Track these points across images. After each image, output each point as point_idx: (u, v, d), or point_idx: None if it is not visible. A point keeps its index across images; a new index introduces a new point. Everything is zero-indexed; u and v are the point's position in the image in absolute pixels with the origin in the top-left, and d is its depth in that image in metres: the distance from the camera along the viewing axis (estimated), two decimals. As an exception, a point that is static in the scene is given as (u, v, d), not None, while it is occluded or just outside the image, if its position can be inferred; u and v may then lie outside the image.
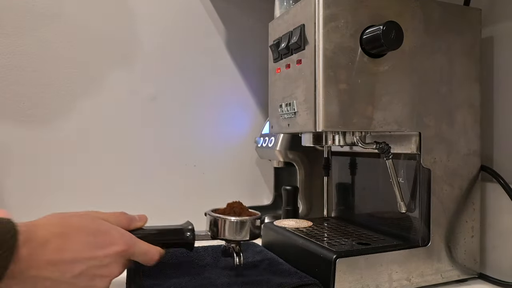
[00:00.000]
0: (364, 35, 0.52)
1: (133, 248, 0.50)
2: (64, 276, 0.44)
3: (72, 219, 0.47)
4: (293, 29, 0.56)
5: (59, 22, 0.86)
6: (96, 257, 0.46)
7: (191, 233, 0.57)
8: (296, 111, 0.56)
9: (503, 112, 0.65)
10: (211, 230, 0.58)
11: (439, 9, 0.58)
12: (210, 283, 0.55)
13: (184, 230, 0.57)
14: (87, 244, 0.46)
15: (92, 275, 0.46)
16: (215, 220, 0.58)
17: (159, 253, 0.53)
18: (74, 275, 0.44)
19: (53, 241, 0.44)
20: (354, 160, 0.74)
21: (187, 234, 0.56)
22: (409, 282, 0.57)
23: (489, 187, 0.63)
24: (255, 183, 1.05)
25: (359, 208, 0.74)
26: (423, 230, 0.59)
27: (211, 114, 1.00)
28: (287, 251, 0.65)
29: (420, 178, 0.59)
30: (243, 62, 1.03)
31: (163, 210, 0.93)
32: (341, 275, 0.53)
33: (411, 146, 0.59)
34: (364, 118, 0.54)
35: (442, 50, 0.59)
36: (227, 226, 0.57)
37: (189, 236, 0.56)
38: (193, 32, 0.98)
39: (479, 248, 0.62)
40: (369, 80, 0.53)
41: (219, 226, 0.57)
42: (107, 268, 0.47)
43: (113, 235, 0.48)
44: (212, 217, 0.58)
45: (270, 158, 0.94)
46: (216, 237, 0.58)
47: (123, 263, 0.49)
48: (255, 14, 1.03)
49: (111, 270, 0.47)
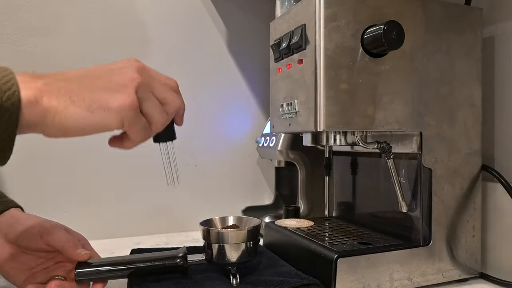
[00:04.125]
0: (365, 35, 0.52)
1: (148, 80, 0.44)
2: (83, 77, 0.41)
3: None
4: (294, 28, 0.56)
5: (63, 24, 0.87)
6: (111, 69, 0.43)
7: (182, 260, 0.56)
8: (297, 110, 0.56)
9: (504, 112, 0.65)
10: (205, 252, 0.58)
11: (440, 9, 0.58)
12: (211, 283, 0.55)
13: (176, 257, 0.56)
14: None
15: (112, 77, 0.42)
16: (209, 244, 0.57)
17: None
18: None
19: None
20: (355, 160, 0.74)
21: (178, 261, 0.56)
22: (410, 282, 0.57)
23: (490, 187, 0.63)
24: (256, 182, 1.05)
25: (360, 207, 0.74)
26: (424, 230, 0.59)
27: (212, 114, 1.00)
28: (288, 251, 0.65)
29: (421, 178, 0.59)
30: (244, 61, 1.03)
31: (164, 210, 0.94)
32: (342, 274, 0.53)
33: (412, 145, 0.59)
34: (365, 118, 0.54)
35: (443, 50, 0.59)
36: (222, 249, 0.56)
37: (179, 263, 0.56)
38: (194, 32, 0.98)
39: (480, 247, 0.62)
40: (370, 80, 0.53)
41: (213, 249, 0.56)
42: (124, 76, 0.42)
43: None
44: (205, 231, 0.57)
45: (271, 157, 0.94)
46: (211, 260, 0.57)
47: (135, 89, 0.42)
48: (256, 13, 1.03)
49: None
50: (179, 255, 0.56)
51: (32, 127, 0.38)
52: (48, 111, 0.38)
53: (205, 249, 0.58)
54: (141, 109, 0.43)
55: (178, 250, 0.58)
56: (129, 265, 0.55)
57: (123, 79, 0.42)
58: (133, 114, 0.41)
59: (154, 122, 0.45)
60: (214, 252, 0.56)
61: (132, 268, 0.55)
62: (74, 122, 0.39)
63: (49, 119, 0.38)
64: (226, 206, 1.00)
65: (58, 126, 0.38)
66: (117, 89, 0.41)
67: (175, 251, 0.58)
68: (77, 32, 0.88)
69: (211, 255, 0.57)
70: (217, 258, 0.56)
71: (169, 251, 0.58)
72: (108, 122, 0.40)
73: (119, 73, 0.42)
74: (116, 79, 0.42)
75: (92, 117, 0.39)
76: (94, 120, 0.39)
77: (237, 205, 1.00)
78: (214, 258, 0.56)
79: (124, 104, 0.40)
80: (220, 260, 0.56)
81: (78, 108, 0.39)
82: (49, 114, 0.38)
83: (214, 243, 0.56)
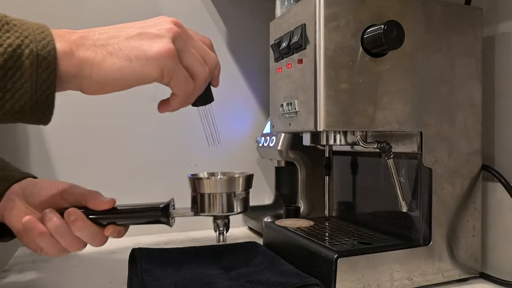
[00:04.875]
0: (365, 35, 0.52)
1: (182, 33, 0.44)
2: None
3: None
4: (294, 28, 0.56)
5: (65, 22, 0.87)
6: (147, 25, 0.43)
7: (163, 211, 0.54)
8: (297, 110, 0.56)
9: (504, 112, 0.65)
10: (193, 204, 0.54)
11: (440, 9, 0.58)
12: (211, 281, 0.55)
13: (159, 209, 0.54)
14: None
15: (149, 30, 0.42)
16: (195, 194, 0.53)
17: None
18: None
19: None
20: (355, 160, 0.74)
21: (159, 213, 0.54)
22: (410, 282, 0.57)
23: (490, 186, 0.63)
24: (256, 182, 1.04)
25: (360, 207, 0.74)
26: (424, 230, 0.59)
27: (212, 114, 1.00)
28: (288, 251, 0.65)
29: (421, 178, 0.59)
30: (244, 61, 1.03)
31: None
32: (342, 274, 0.53)
33: (412, 145, 0.59)
34: (365, 118, 0.54)
35: (443, 50, 0.59)
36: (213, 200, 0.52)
37: (161, 215, 0.54)
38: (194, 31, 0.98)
39: (481, 247, 0.62)
40: (370, 80, 0.53)
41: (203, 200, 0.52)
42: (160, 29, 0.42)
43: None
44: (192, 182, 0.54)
45: (271, 157, 0.94)
46: (198, 212, 0.54)
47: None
48: (256, 13, 1.03)
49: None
50: (160, 207, 0.54)
51: (70, 80, 0.38)
52: (85, 63, 0.38)
53: (192, 202, 0.55)
54: (181, 61, 0.43)
55: (163, 203, 0.56)
56: (110, 213, 0.54)
57: (159, 29, 0.42)
58: (172, 62, 0.41)
59: (196, 74, 0.44)
60: (201, 203, 0.53)
61: (113, 217, 0.54)
62: (112, 73, 0.39)
63: (87, 71, 0.38)
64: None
65: (96, 79, 0.38)
66: (153, 38, 0.41)
67: (157, 204, 0.56)
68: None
69: (198, 206, 0.53)
70: (204, 209, 0.53)
71: (152, 204, 0.56)
72: (147, 70, 0.40)
73: (154, 25, 0.42)
74: (152, 30, 0.42)
75: (131, 67, 0.39)
76: (133, 70, 0.40)
77: (237, 205, 1.00)
78: (200, 210, 0.53)
79: (161, 51, 0.40)
80: (207, 212, 0.53)
81: (116, 58, 0.39)
82: (86, 66, 0.38)
83: (201, 192, 0.52)
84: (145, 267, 0.60)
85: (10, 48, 0.35)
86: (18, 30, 0.36)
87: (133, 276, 0.58)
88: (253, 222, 0.93)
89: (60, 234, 0.50)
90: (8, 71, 0.35)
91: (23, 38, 0.35)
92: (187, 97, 0.46)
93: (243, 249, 0.70)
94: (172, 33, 0.42)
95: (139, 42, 0.40)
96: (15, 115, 0.37)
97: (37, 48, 0.35)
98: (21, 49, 0.35)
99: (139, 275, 0.57)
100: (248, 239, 0.78)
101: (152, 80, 0.42)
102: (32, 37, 0.36)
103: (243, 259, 0.65)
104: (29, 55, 0.35)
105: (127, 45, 0.40)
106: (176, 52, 0.42)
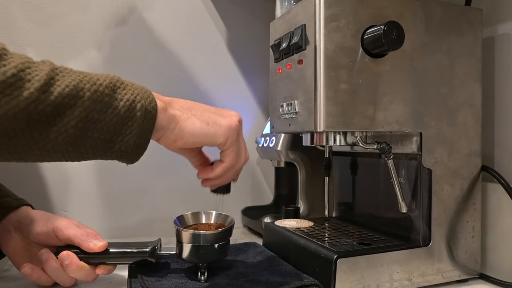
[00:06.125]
0: (365, 35, 0.52)
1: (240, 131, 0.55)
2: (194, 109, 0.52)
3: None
4: (294, 29, 0.56)
5: (57, 24, 0.87)
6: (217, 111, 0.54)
7: (151, 253, 0.59)
8: (297, 111, 0.56)
9: (504, 112, 0.65)
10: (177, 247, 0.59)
11: (440, 9, 0.58)
12: (211, 282, 0.55)
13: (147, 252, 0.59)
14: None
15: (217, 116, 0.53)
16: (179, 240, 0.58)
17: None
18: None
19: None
20: (355, 160, 0.74)
21: (147, 255, 0.59)
22: (410, 282, 0.57)
23: (490, 187, 0.63)
24: (256, 183, 1.05)
25: (360, 208, 0.74)
26: (424, 230, 0.59)
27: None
28: (288, 251, 0.65)
29: (421, 178, 0.59)
30: (244, 62, 1.02)
31: (165, 209, 0.93)
32: (342, 275, 0.53)
33: (412, 146, 0.59)
34: (365, 118, 0.54)
35: (443, 50, 0.59)
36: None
37: (149, 256, 0.59)
38: (194, 32, 0.98)
39: (480, 248, 0.62)
40: (370, 80, 0.53)
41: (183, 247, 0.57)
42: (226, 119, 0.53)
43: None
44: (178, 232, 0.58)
45: (271, 158, 0.94)
46: (180, 257, 0.58)
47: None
48: (256, 13, 1.03)
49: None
50: (148, 250, 0.59)
51: (159, 129, 0.47)
52: (174, 118, 0.48)
53: (176, 245, 0.59)
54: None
55: (151, 244, 0.60)
56: (102, 255, 0.57)
57: (229, 113, 0.54)
58: (236, 136, 0.53)
59: (242, 155, 0.55)
60: (184, 250, 0.57)
61: (104, 258, 0.58)
62: (192, 129, 0.49)
63: (173, 124, 0.48)
64: (225, 206, 1.00)
65: (177, 131, 0.48)
66: (225, 116, 0.53)
67: (146, 245, 0.60)
68: (78, 31, 0.88)
69: (181, 252, 0.58)
70: (187, 256, 0.57)
71: (140, 245, 0.60)
72: (218, 134, 0.51)
73: (226, 111, 0.54)
74: (223, 112, 0.54)
75: (207, 128, 0.50)
76: (208, 131, 0.50)
77: (236, 205, 1.00)
78: (183, 256, 0.58)
79: (231, 124, 0.52)
80: (189, 259, 0.58)
81: (198, 119, 0.50)
82: (173, 120, 0.48)
83: (184, 242, 0.57)
84: (145, 267, 0.60)
85: (128, 102, 0.44)
86: (131, 89, 0.46)
87: (133, 276, 0.58)
88: (253, 223, 0.93)
89: (56, 275, 0.57)
90: (125, 120, 0.44)
91: (136, 95, 0.45)
92: (231, 167, 0.55)
93: (243, 249, 0.70)
94: (238, 118, 0.54)
95: (215, 115, 0.52)
96: (117, 154, 0.45)
97: (145, 103, 0.45)
98: (135, 103, 0.45)
99: (139, 276, 0.57)
100: (248, 239, 0.78)
101: (218, 144, 0.52)
102: (141, 95, 0.46)
103: (243, 259, 0.65)
104: (140, 109, 0.45)
105: (206, 114, 0.51)
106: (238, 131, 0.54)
